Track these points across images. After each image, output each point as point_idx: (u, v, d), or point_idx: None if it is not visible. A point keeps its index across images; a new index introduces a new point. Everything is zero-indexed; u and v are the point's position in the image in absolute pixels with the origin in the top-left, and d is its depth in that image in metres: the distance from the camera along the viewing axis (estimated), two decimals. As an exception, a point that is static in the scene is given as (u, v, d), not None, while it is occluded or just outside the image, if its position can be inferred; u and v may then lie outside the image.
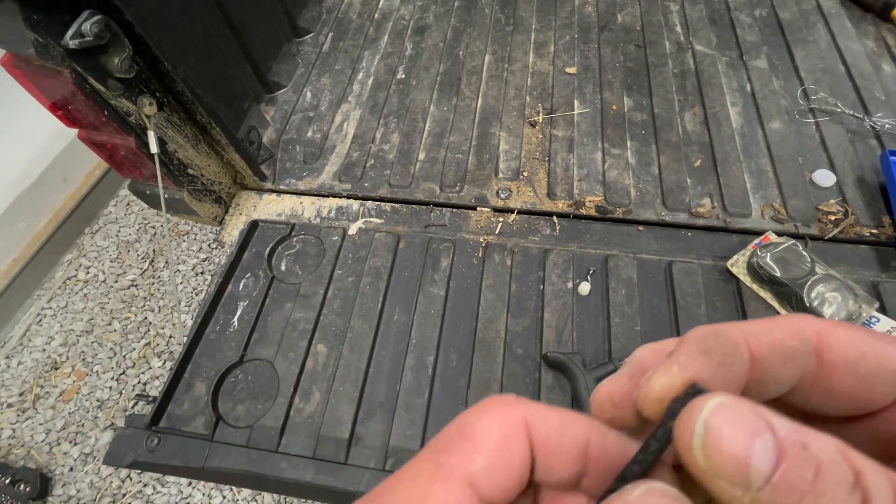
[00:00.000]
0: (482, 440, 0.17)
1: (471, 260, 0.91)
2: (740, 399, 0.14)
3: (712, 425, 0.13)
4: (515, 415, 0.17)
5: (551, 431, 0.17)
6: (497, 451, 0.16)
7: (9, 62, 0.70)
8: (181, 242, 1.89)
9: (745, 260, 0.85)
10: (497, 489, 0.16)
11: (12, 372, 1.65)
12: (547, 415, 0.17)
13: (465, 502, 0.16)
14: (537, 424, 0.17)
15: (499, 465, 0.16)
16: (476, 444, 0.17)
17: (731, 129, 1.03)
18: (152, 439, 0.75)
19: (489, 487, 0.16)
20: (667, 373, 0.16)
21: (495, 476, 0.16)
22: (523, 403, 0.18)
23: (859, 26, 1.18)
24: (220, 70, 1.02)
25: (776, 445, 0.13)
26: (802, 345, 0.16)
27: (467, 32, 1.27)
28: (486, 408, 0.18)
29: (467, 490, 0.16)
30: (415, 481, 0.16)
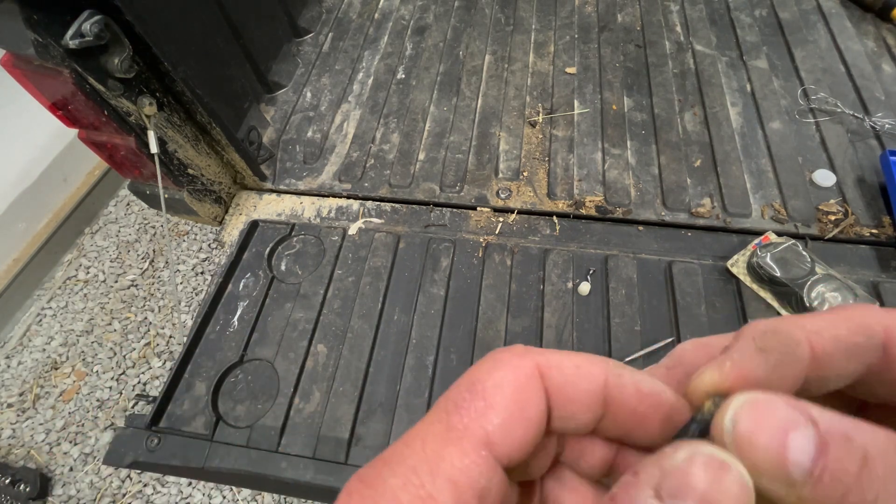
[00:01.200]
0: (495, 396, 0.16)
1: (471, 260, 0.91)
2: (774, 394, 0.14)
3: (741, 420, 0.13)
4: (528, 365, 0.16)
5: (567, 378, 0.16)
6: (512, 407, 0.15)
7: (9, 62, 0.70)
8: (181, 242, 1.89)
9: (745, 260, 0.85)
10: (515, 446, 0.15)
11: (12, 372, 1.65)
12: (560, 360, 0.17)
13: (482, 465, 0.15)
14: (551, 372, 0.16)
15: (515, 421, 0.15)
16: (488, 400, 0.16)
17: (731, 129, 1.03)
18: (152, 439, 0.75)
19: (506, 446, 0.15)
20: (719, 369, 0.15)
21: (512, 433, 0.15)
22: (534, 352, 0.17)
23: (859, 26, 1.18)
24: (220, 70, 1.02)
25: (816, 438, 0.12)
26: (868, 340, 0.15)
27: (467, 32, 1.27)
28: (496, 360, 0.17)
29: (483, 451, 0.15)
30: (426, 445, 0.15)
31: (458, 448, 0.15)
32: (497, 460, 0.15)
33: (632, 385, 0.16)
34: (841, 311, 0.16)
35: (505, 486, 0.16)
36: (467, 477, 0.15)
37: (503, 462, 0.15)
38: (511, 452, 0.15)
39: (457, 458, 0.15)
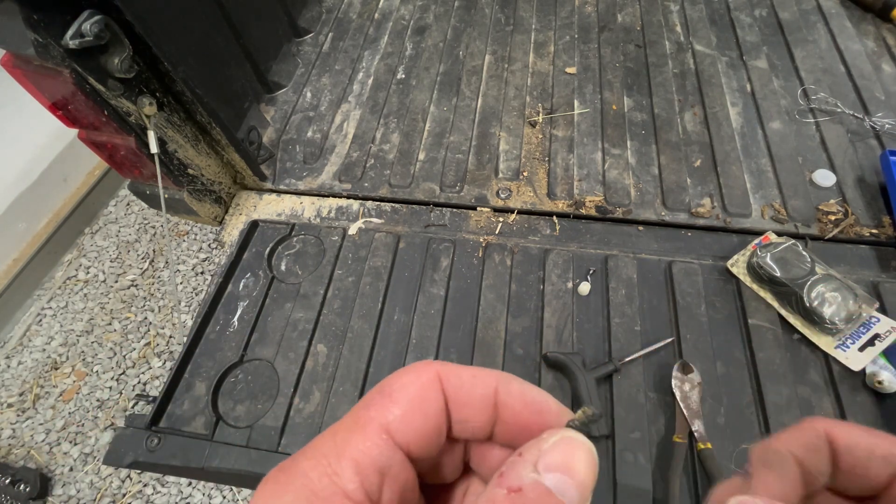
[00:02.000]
0: (399, 394, 0.18)
1: (471, 260, 0.91)
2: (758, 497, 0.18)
3: None
4: (430, 371, 0.19)
5: (462, 383, 0.19)
6: (412, 402, 0.18)
7: (9, 62, 0.70)
8: (181, 242, 1.89)
9: (745, 260, 0.85)
10: (413, 434, 0.18)
11: (12, 372, 1.65)
12: (459, 369, 0.19)
13: (381, 446, 0.17)
14: (450, 377, 0.19)
15: (413, 414, 0.18)
16: (393, 397, 0.18)
17: (731, 129, 1.03)
18: (152, 439, 0.75)
19: (405, 433, 0.18)
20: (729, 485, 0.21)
21: (410, 423, 0.18)
22: (438, 363, 0.20)
23: (859, 26, 1.18)
24: (220, 70, 1.02)
25: None
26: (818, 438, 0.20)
27: (467, 32, 1.27)
28: (405, 369, 0.20)
29: (383, 435, 0.18)
30: (336, 434, 0.18)
31: (362, 434, 0.18)
32: (398, 445, 0.18)
33: (518, 393, 0.19)
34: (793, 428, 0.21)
35: (408, 468, 0.18)
36: (368, 456, 0.17)
37: (403, 446, 0.18)
38: (410, 439, 0.18)
39: (360, 441, 0.17)
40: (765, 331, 0.79)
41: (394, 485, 0.18)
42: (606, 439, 0.72)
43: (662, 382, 0.76)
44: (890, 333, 0.75)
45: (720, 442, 0.71)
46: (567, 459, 0.16)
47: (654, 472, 0.70)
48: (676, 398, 0.73)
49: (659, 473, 0.70)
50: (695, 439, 0.71)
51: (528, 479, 0.16)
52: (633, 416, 0.74)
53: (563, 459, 0.16)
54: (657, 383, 0.77)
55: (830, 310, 0.75)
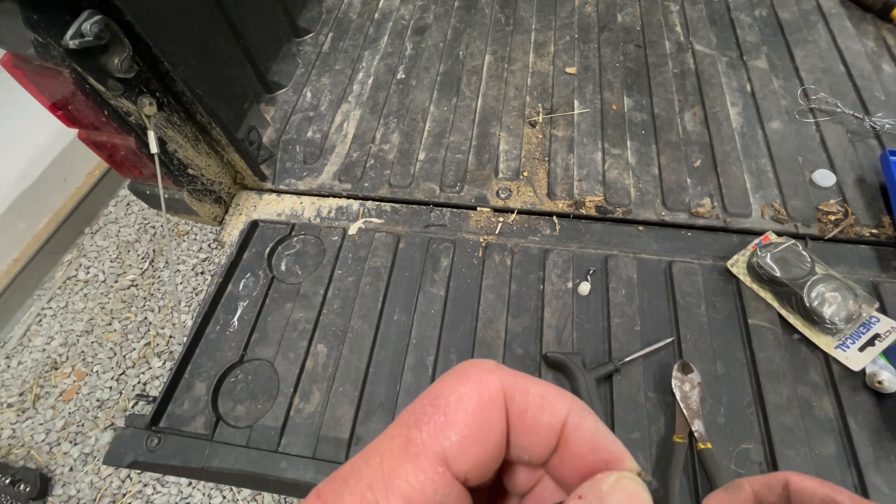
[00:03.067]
0: (456, 412, 0.15)
1: (471, 260, 0.91)
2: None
3: None
4: (493, 383, 0.16)
5: (530, 405, 0.16)
6: (472, 424, 0.15)
7: (9, 62, 0.70)
8: (181, 242, 1.89)
9: (745, 260, 0.85)
10: (472, 465, 0.15)
11: (12, 372, 1.65)
12: (527, 386, 0.16)
13: (437, 481, 0.15)
14: (516, 395, 0.16)
15: (474, 440, 0.15)
16: (449, 416, 0.15)
17: (731, 129, 1.03)
18: (152, 439, 0.75)
19: (464, 463, 0.15)
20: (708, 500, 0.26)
21: (470, 451, 0.15)
22: (503, 371, 0.17)
23: (859, 26, 1.18)
24: (220, 70, 1.02)
25: None
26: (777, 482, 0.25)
27: (467, 32, 1.27)
28: (462, 374, 0.16)
29: (439, 468, 0.15)
30: (383, 461, 0.15)
31: (415, 464, 0.15)
32: (454, 476, 0.15)
33: (591, 433, 0.16)
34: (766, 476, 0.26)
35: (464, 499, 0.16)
36: (421, 494, 0.15)
37: (461, 479, 0.15)
38: (468, 470, 0.15)
39: (412, 474, 0.15)
40: (765, 331, 0.79)
41: None
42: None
43: (662, 382, 0.76)
44: (890, 333, 0.75)
45: (720, 442, 0.71)
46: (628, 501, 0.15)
47: (654, 472, 0.70)
48: (676, 398, 0.73)
49: (659, 473, 0.70)
50: (695, 439, 0.71)
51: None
52: (633, 416, 0.74)
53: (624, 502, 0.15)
54: (657, 383, 0.77)
55: (830, 310, 0.75)
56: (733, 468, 0.69)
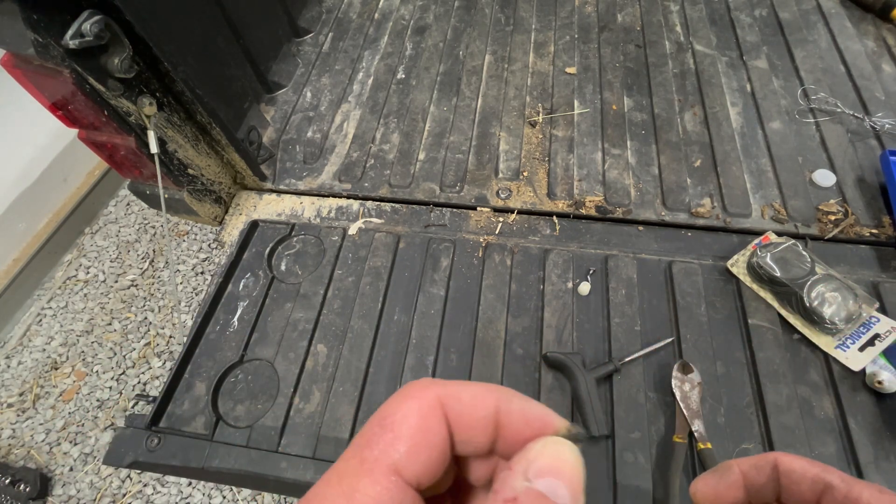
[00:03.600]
0: (401, 427, 0.18)
1: (471, 260, 0.91)
2: None
3: None
4: (430, 396, 0.18)
5: (464, 407, 0.19)
6: (417, 435, 0.17)
7: (9, 62, 0.70)
8: (181, 242, 1.89)
9: (745, 260, 0.85)
10: (421, 470, 0.17)
11: (12, 372, 1.65)
12: (458, 391, 0.19)
13: (392, 490, 0.17)
14: (450, 402, 0.18)
15: (419, 448, 0.17)
16: (396, 432, 0.18)
17: (731, 129, 1.03)
18: (152, 439, 0.75)
19: (414, 470, 0.17)
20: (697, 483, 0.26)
21: (418, 458, 0.17)
22: (437, 385, 0.19)
23: (859, 26, 1.18)
24: (220, 70, 1.02)
25: None
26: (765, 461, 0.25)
27: (467, 32, 1.27)
28: (402, 395, 0.19)
29: (392, 477, 0.17)
30: (342, 481, 0.17)
31: (371, 478, 0.17)
32: (407, 483, 0.17)
33: (519, 410, 0.19)
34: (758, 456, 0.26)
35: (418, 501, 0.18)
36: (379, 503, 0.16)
37: (413, 484, 0.17)
38: (419, 475, 0.17)
39: (369, 487, 0.16)
40: (765, 331, 0.79)
41: None
42: (606, 439, 0.72)
43: (662, 382, 0.76)
44: (890, 333, 0.75)
45: (720, 442, 0.71)
46: (553, 462, 0.17)
47: (654, 472, 0.70)
48: (676, 398, 0.73)
49: (659, 473, 0.70)
50: (695, 439, 0.71)
51: (521, 488, 0.16)
52: (633, 416, 0.74)
53: (549, 463, 0.17)
54: (657, 383, 0.77)
55: (830, 310, 0.75)
56: (733, 468, 0.69)
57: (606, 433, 0.72)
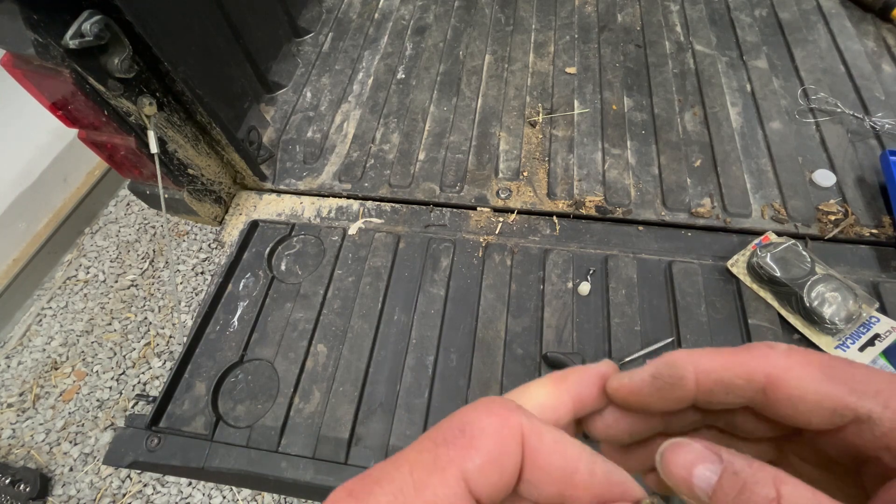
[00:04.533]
0: (480, 439, 0.17)
1: (471, 260, 0.91)
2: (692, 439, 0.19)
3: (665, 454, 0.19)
4: (514, 421, 0.18)
5: (543, 447, 0.18)
6: (492, 453, 0.17)
7: (9, 62, 0.70)
8: (181, 242, 1.89)
9: (745, 260, 0.85)
10: (488, 488, 0.17)
11: (12, 372, 1.65)
12: (542, 430, 0.18)
13: (459, 495, 0.17)
14: (531, 436, 0.18)
15: (492, 466, 0.17)
16: (474, 442, 0.17)
17: (731, 129, 1.03)
18: (152, 439, 0.75)
19: (481, 485, 0.17)
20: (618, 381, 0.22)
21: (488, 475, 0.17)
22: (523, 413, 0.19)
23: (859, 26, 1.18)
24: (220, 70, 1.02)
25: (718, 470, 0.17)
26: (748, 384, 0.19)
27: (467, 32, 1.27)
28: (487, 409, 0.18)
29: (462, 484, 0.17)
30: (413, 471, 0.17)
31: (441, 478, 0.17)
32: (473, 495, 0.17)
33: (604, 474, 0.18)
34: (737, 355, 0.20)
35: None
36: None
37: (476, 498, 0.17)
38: (484, 492, 0.17)
39: (439, 486, 0.17)
40: (765, 331, 0.79)
41: None
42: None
43: (662, 382, 0.76)
44: (890, 333, 0.75)
45: (720, 442, 0.71)
46: None
47: (654, 472, 0.70)
48: (676, 398, 0.73)
49: (659, 473, 0.70)
50: (695, 439, 0.71)
51: None
52: (633, 416, 0.74)
53: None
54: (657, 383, 0.76)
55: (830, 310, 0.75)
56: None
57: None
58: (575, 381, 0.22)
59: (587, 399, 0.22)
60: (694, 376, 0.20)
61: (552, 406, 0.21)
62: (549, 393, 0.21)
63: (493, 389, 0.78)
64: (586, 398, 0.22)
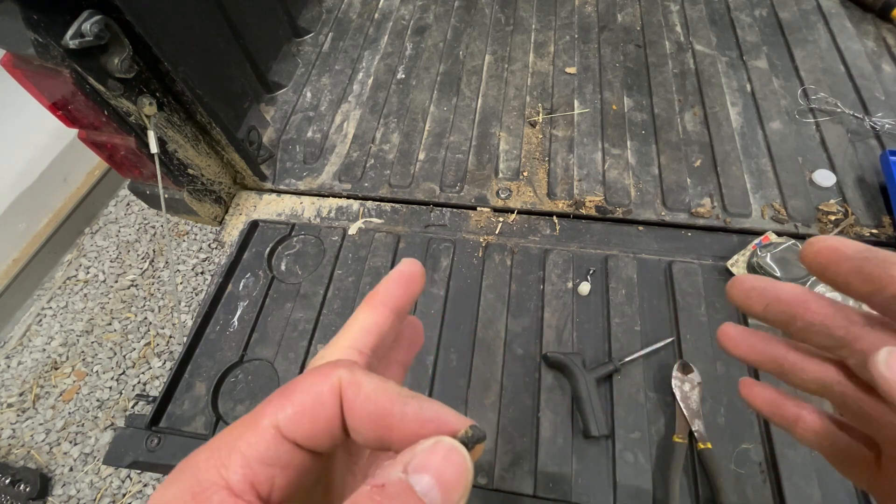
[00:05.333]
0: (294, 394, 0.20)
1: (471, 260, 0.91)
2: None
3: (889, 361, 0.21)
4: (333, 377, 0.20)
5: (359, 396, 0.20)
6: (304, 403, 0.19)
7: (9, 62, 0.70)
8: (181, 242, 1.89)
9: (745, 260, 0.85)
10: (301, 434, 0.19)
11: (12, 372, 1.65)
12: (361, 381, 0.20)
13: (269, 440, 0.19)
14: (349, 388, 0.20)
15: (303, 415, 0.19)
16: (288, 396, 0.20)
17: (731, 129, 1.03)
18: (152, 439, 0.75)
19: (293, 432, 0.19)
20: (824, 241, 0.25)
21: (299, 423, 0.19)
22: (345, 368, 0.20)
23: (859, 26, 1.18)
24: (220, 70, 1.02)
25: None
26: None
27: (467, 32, 1.27)
28: (312, 370, 0.21)
29: (272, 432, 0.19)
30: (232, 430, 0.19)
31: (254, 430, 0.19)
32: (286, 439, 0.19)
33: (415, 412, 0.19)
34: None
35: (300, 458, 0.19)
36: (255, 450, 0.19)
37: (292, 441, 0.19)
38: (299, 437, 0.19)
39: (251, 436, 0.19)
40: (765, 331, 0.79)
41: (285, 472, 0.19)
42: (606, 439, 0.72)
43: (662, 382, 0.76)
44: (890, 333, 0.75)
45: (720, 442, 0.71)
46: (435, 462, 0.17)
47: (654, 472, 0.70)
48: (676, 398, 0.73)
49: (659, 473, 0.70)
50: (695, 439, 0.71)
51: (394, 477, 0.17)
52: (633, 416, 0.74)
53: (431, 462, 0.17)
54: (657, 383, 0.77)
55: (830, 310, 0.75)
56: (733, 468, 0.69)
57: (606, 433, 0.72)
58: (382, 291, 0.24)
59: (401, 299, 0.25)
60: None
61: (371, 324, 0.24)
62: (364, 315, 0.24)
63: (492, 389, 0.78)
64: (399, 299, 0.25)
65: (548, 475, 0.70)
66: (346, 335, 0.23)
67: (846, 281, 0.24)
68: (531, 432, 0.74)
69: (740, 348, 0.29)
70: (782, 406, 0.28)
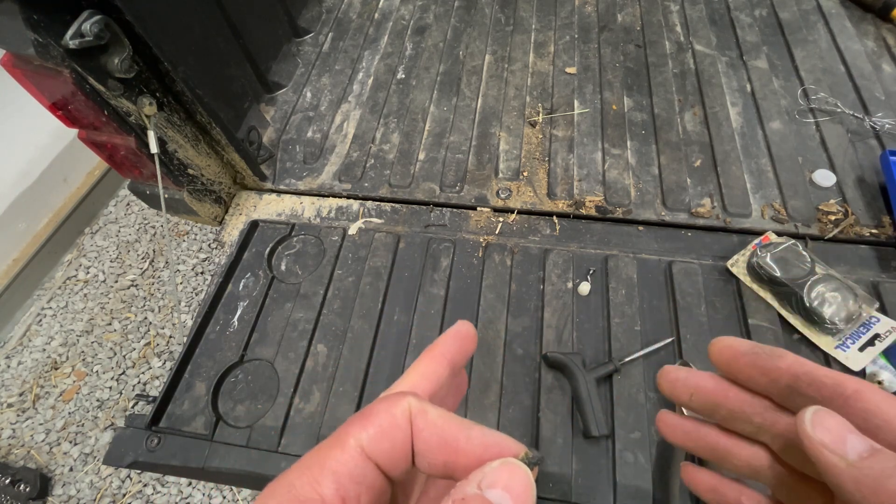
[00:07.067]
0: (373, 416, 0.22)
1: (471, 260, 0.91)
2: None
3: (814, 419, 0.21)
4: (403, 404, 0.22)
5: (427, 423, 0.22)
6: (383, 426, 0.21)
7: (9, 62, 0.70)
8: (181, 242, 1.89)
9: (745, 260, 0.85)
10: (383, 455, 0.21)
11: (12, 372, 1.65)
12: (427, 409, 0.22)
13: (357, 459, 0.21)
14: (417, 415, 0.22)
15: (384, 436, 0.21)
16: (369, 419, 0.22)
17: (731, 129, 1.03)
18: (152, 439, 0.75)
19: (376, 452, 0.21)
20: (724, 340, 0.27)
21: (380, 443, 0.21)
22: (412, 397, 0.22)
23: (859, 26, 1.18)
24: (220, 70, 1.02)
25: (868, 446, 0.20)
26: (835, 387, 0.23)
27: (467, 32, 1.27)
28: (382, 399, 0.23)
29: (358, 451, 0.21)
30: (319, 450, 0.21)
31: (340, 449, 0.21)
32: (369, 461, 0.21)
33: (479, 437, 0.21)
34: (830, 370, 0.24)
35: (381, 479, 0.21)
36: (345, 467, 0.20)
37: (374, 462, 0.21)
38: (380, 458, 0.21)
39: (339, 454, 0.21)
40: (765, 331, 0.79)
41: (369, 492, 0.21)
42: (606, 439, 0.72)
43: (662, 382, 0.76)
44: (890, 333, 0.75)
45: (720, 442, 0.71)
46: (505, 479, 0.19)
47: (654, 472, 0.70)
48: (676, 398, 0.73)
49: (659, 473, 0.70)
50: (695, 439, 0.71)
51: (472, 492, 0.19)
52: (633, 416, 0.74)
53: (500, 478, 0.19)
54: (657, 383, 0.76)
55: (830, 310, 0.75)
56: (733, 468, 0.69)
57: (606, 433, 0.72)
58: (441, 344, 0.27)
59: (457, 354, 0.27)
60: (791, 360, 0.24)
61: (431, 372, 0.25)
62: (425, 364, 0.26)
63: (492, 389, 0.78)
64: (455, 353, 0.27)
65: (548, 475, 0.70)
66: (406, 380, 0.25)
67: (748, 376, 0.26)
68: (531, 432, 0.74)
69: (676, 435, 0.30)
70: (723, 491, 0.29)
